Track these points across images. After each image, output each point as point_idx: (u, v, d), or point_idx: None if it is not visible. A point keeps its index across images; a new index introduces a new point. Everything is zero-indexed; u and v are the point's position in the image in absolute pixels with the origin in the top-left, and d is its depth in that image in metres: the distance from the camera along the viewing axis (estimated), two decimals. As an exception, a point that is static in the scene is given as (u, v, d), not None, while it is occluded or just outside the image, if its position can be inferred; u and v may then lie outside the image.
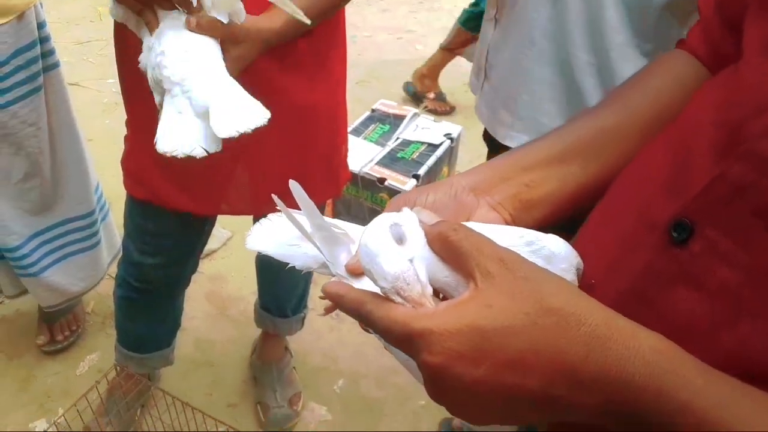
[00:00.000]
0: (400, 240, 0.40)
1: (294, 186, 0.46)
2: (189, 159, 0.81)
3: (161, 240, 1.25)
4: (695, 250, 0.39)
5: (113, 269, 1.74)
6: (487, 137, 1.20)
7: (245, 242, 0.56)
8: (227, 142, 1.06)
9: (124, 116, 1.22)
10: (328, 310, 0.52)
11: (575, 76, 0.98)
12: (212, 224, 1.34)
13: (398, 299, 0.37)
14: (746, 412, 0.33)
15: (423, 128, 2.35)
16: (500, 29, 1.08)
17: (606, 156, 0.51)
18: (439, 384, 0.36)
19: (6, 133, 1.32)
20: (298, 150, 1.15)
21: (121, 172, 1.23)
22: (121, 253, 1.72)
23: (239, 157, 1.12)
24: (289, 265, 0.53)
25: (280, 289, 1.58)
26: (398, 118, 2.38)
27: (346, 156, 1.29)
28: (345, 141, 1.28)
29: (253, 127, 0.77)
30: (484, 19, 1.17)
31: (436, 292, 0.40)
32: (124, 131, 1.22)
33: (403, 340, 0.36)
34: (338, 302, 0.41)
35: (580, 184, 0.51)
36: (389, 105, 2.44)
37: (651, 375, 0.33)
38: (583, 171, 0.50)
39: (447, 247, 0.38)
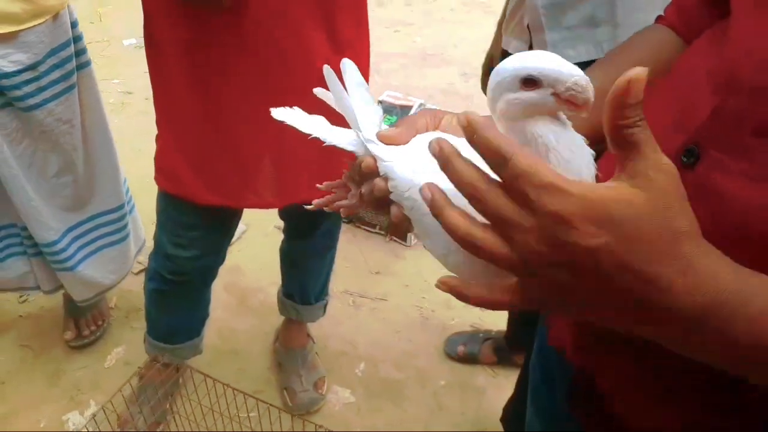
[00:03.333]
0: None
1: (327, 71, 0.52)
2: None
3: (194, 232, 1.30)
4: (702, 170, 0.46)
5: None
6: None
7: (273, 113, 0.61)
8: (256, 136, 1.11)
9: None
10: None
11: None
12: (240, 216, 1.39)
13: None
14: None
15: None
16: None
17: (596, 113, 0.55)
18: (556, 240, 0.36)
19: (42, 130, 1.36)
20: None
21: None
22: (144, 246, 1.78)
23: (267, 151, 1.16)
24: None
25: (304, 276, 1.63)
26: (405, 109, 2.43)
27: None
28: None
29: None
30: None
31: None
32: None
33: (539, 189, 0.35)
34: (475, 131, 0.37)
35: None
36: (395, 96, 2.49)
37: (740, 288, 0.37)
38: (584, 123, 0.49)
39: (623, 135, 0.36)
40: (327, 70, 0.51)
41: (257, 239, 2.23)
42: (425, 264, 2.19)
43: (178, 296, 1.44)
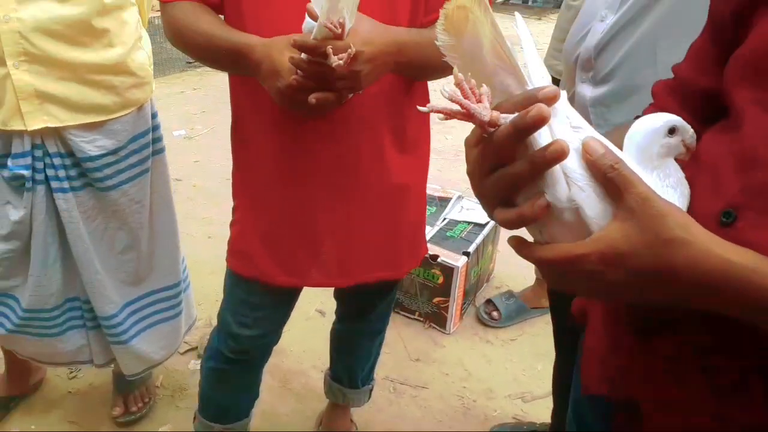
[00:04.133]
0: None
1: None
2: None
3: (259, 312, 1.34)
4: (741, 227, 0.56)
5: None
6: None
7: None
8: (329, 217, 1.19)
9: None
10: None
11: None
12: (299, 295, 1.44)
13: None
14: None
15: (467, 209, 2.48)
16: None
17: None
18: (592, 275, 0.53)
19: (115, 209, 1.45)
20: (388, 226, 1.26)
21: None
22: (194, 324, 1.83)
23: (337, 231, 1.23)
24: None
25: (354, 359, 1.65)
26: (443, 200, 2.52)
27: (425, 231, 1.40)
28: (425, 216, 1.40)
29: None
30: None
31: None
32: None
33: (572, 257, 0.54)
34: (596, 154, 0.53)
35: None
36: (435, 188, 2.59)
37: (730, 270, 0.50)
38: None
39: (604, 179, 0.52)
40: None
41: (299, 323, 2.26)
42: (465, 352, 2.19)
43: (237, 375, 1.46)
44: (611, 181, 0.52)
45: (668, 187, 0.56)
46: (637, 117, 0.80)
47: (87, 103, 1.31)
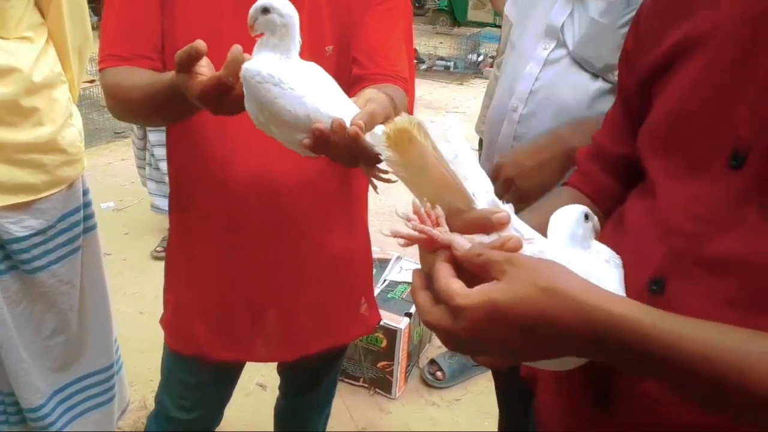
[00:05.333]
0: None
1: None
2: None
3: (200, 393, 1.29)
4: (670, 295, 0.59)
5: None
6: None
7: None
8: (271, 289, 1.18)
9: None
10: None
11: None
12: (241, 371, 1.39)
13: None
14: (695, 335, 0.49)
15: (407, 269, 2.51)
16: None
17: None
18: (473, 338, 0.52)
19: (43, 291, 1.38)
20: (333, 292, 1.26)
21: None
22: (127, 408, 1.73)
23: (278, 303, 1.21)
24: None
25: None
26: (383, 262, 2.54)
27: (373, 296, 1.40)
28: (371, 282, 1.40)
29: None
30: None
31: None
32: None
33: (447, 304, 0.53)
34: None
35: None
36: (373, 250, 2.60)
37: (616, 322, 0.50)
38: None
39: (476, 266, 0.54)
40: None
41: (239, 399, 2.15)
42: (411, 417, 2.16)
43: None
44: (481, 265, 0.53)
45: (604, 261, 0.60)
46: (565, 183, 0.86)
47: (14, 183, 1.26)
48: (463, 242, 0.55)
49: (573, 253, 0.59)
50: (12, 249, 1.31)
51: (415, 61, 7.53)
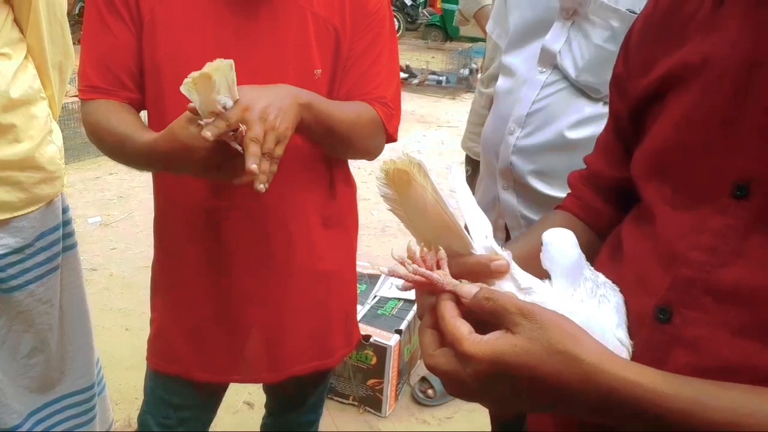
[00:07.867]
0: None
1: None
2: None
3: (184, 413, 1.26)
4: (678, 323, 0.58)
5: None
6: None
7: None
8: (247, 311, 1.16)
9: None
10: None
11: None
12: (226, 389, 1.36)
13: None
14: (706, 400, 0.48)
15: (397, 286, 2.47)
16: None
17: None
18: (479, 386, 0.52)
19: (21, 311, 1.34)
20: (318, 312, 1.23)
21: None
22: (111, 428, 1.69)
23: (262, 324, 1.19)
24: None
25: None
26: (373, 278, 2.51)
27: (356, 314, 1.38)
28: (356, 301, 1.38)
29: None
30: None
31: None
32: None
33: (454, 348, 0.52)
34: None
35: None
36: (363, 266, 2.58)
37: (627, 389, 0.49)
38: None
39: (485, 311, 0.53)
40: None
41: (225, 417, 2.13)
42: (402, 435, 2.13)
43: None
44: (491, 312, 0.52)
45: (601, 296, 0.58)
46: (558, 206, 0.84)
47: (-11, 201, 1.23)
48: (469, 289, 0.54)
49: (573, 300, 0.57)
50: (-12, 267, 1.28)
51: (407, 75, 7.60)
